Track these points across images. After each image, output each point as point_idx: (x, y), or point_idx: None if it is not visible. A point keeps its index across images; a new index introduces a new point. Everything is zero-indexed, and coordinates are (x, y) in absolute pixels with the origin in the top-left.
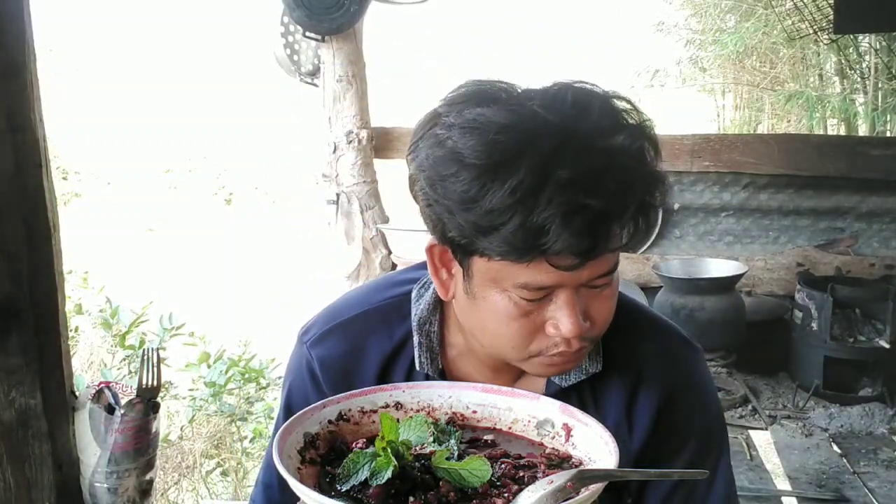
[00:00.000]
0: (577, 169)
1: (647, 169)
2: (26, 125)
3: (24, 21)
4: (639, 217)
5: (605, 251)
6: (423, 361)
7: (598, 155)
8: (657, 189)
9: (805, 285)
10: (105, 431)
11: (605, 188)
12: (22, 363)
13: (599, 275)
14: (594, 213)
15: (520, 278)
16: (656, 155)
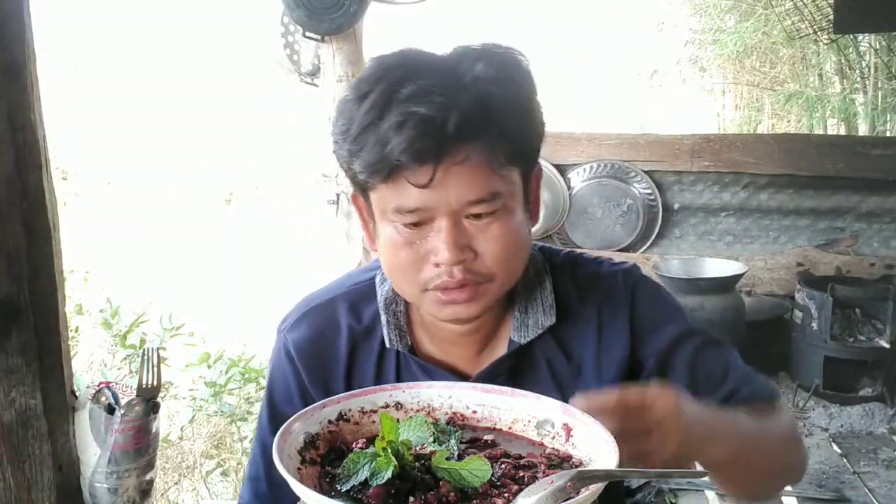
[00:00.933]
0: (416, 86)
1: (491, 89)
2: (26, 125)
3: (24, 21)
4: (484, 130)
5: (450, 162)
6: (392, 338)
7: (440, 74)
8: (507, 111)
9: (805, 285)
10: (105, 431)
11: (432, 98)
12: (22, 363)
13: (470, 200)
14: (420, 118)
15: (392, 202)
16: (523, 90)
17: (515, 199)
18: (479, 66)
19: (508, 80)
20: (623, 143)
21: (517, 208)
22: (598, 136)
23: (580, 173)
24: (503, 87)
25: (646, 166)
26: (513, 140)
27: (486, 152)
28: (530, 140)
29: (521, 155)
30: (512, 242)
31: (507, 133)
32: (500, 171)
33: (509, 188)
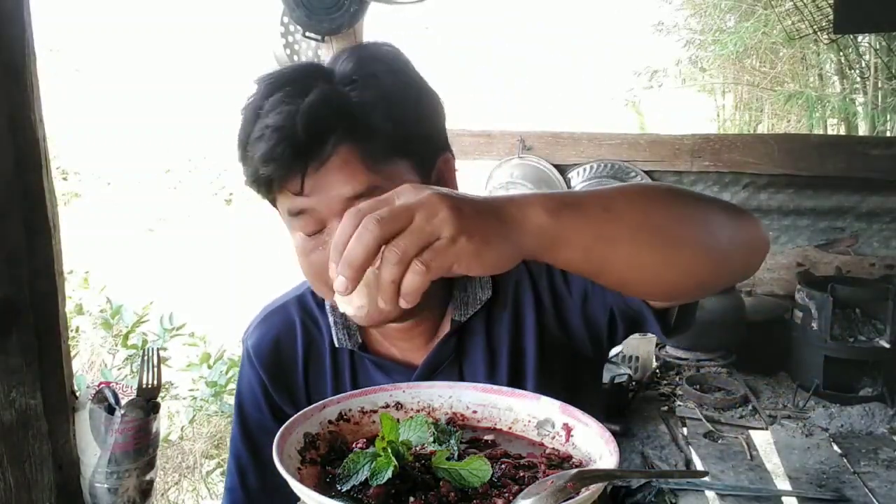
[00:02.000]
0: (273, 99)
1: (345, 89)
2: (26, 125)
3: (24, 21)
4: (343, 126)
5: (316, 165)
6: (340, 338)
7: (294, 84)
8: (367, 106)
9: (805, 285)
10: (105, 431)
11: (281, 108)
12: (22, 363)
13: (348, 197)
14: (273, 128)
15: (284, 212)
16: (387, 84)
17: None
18: (337, 67)
19: (368, 76)
20: (623, 143)
21: None
22: (598, 136)
23: (580, 173)
24: (362, 84)
25: (646, 166)
26: (385, 133)
27: (353, 149)
28: (409, 130)
29: (402, 146)
30: None
31: (374, 127)
32: (377, 165)
33: (393, 180)
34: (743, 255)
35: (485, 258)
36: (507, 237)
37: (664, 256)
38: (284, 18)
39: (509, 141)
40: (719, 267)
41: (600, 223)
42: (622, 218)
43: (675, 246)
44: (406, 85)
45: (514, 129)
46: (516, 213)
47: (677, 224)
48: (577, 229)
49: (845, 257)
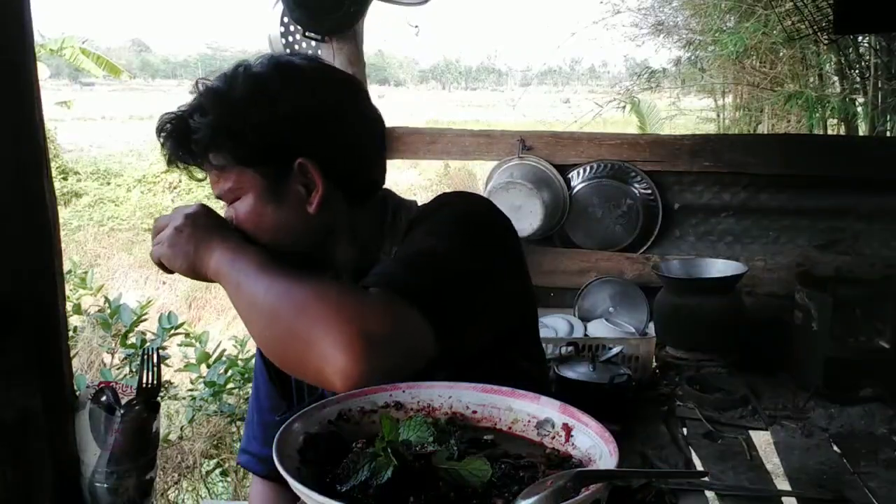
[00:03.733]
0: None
1: (182, 125)
2: (26, 125)
3: (24, 21)
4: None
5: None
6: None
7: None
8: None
9: (805, 285)
10: (105, 431)
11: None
12: (22, 363)
13: (216, 195)
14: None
15: None
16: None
17: (253, 193)
18: (202, 92)
19: (199, 107)
20: (623, 143)
21: (258, 199)
22: (598, 136)
23: (580, 173)
24: (198, 114)
25: (646, 166)
26: (222, 150)
27: (205, 163)
28: (244, 147)
29: (242, 158)
30: (251, 225)
31: (211, 147)
32: (223, 173)
33: (241, 185)
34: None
35: (171, 264)
36: (189, 263)
37: (255, 337)
38: (284, 18)
39: (509, 141)
40: (281, 363)
41: (232, 292)
42: (240, 298)
43: (255, 334)
44: (244, 105)
45: (514, 129)
46: (204, 253)
47: (257, 318)
48: (226, 290)
49: (845, 257)
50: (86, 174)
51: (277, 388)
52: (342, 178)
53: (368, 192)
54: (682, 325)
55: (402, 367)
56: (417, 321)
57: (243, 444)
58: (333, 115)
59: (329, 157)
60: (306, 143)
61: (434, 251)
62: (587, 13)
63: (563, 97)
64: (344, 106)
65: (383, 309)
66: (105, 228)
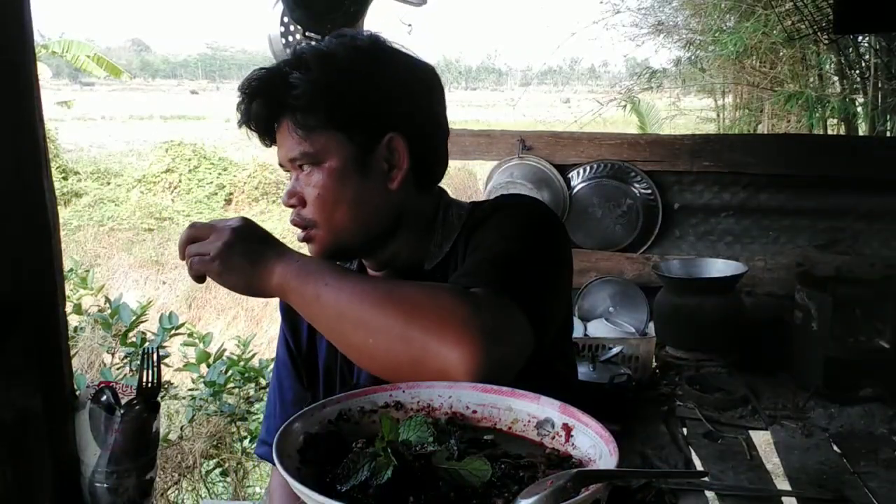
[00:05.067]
0: (248, 78)
1: (286, 72)
2: (26, 125)
3: (24, 21)
4: (281, 100)
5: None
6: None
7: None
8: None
9: (805, 285)
10: (105, 431)
11: (249, 79)
12: (22, 363)
13: (289, 158)
14: (240, 100)
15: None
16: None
17: (334, 159)
18: (299, 48)
19: (310, 62)
20: (623, 143)
21: (340, 169)
22: (598, 136)
23: (580, 173)
24: (300, 69)
25: (646, 166)
26: (312, 112)
27: (289, 121)
28: (339, 113)
29: (333, 123)
30: (329, 195)
31: (305, 104)
32: (310, 135)
33: (324, 149)
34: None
35: (223, 280)
36: (247, 280)
37: (347, 347)
38: (284, 18)
39: (509, 141)
40: (385, 370)
41: (308, 305)
42: (323, 309)
43: (350, 344)
44: (349, 70)
45: (514, 129)
46: (262, 269)
47: (353, 328)
48: (297, 304)
49: (845, 257)
50: (86, 174)
51: (303, 381)
52: (421, 161)
53: (437, 179)
54: (682, 325)
55: (515, 362)
56: (522, 317)
57: (262, 436)
58: (425, 98)
59: (417, 136)
60: (400, 118)
61: (513, 252)
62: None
63: (563, 97)
64: (434, 91)
65: (495, 305)
66: (105, 228)
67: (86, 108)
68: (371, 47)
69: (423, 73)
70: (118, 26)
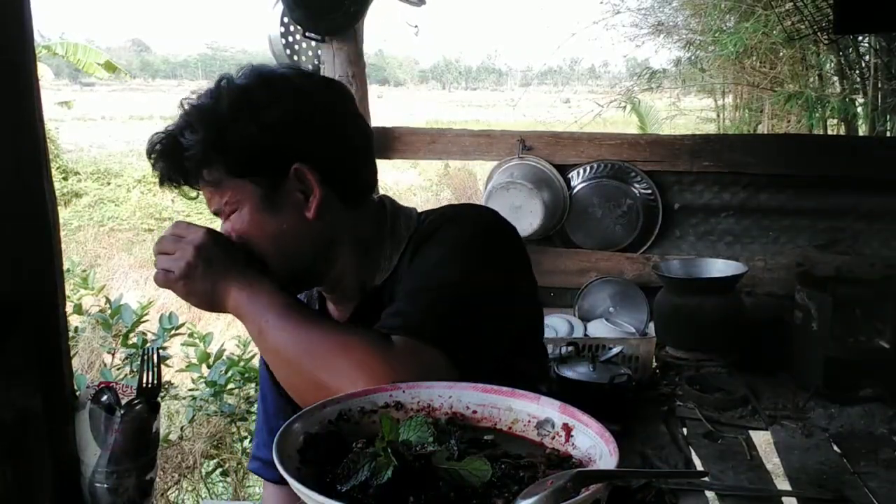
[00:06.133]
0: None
1: (171, 145)
2: (26, 125)
3: (24, 21)
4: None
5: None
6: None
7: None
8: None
9: (805, 285)
10: (105, 431)
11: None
12: (22, 363)
13: (213, 210)
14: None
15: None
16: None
17: (250, 203)
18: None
19: (189, 124)
20: (623, 143)
21: (256, 209)
22: (598, 136)
23: (580, 173)
24: (188, 131)
25: (646, 166)
26: (215, 164)
27: (198, 180)
28: (236, 159)
29: (237, 171)
30: (251, 237)
31: (204, 163)
32: (219, 188)
33: (238, 197)
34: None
35: (186, 299)
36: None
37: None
38: (284, 18)
39: (509, 141)
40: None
41: (253, 336)
42: (264, 343)
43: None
44: (232, 118)
45: (514, 129)
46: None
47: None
48: (247, 331)
49: (845, 257)
50: (86, 174)
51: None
52: (338, 182)
53: (363, 194)
54: (682, 325)
55: None
56: (442, 364)
57: (253, 451)
58: (324, 119)
59: (323, 160)
60: (299, 148)
61: (449, 282)
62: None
63: (563, 97)
64: (334, 109)
65: (410, 360)
66: (105, 228)
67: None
68: (255, 85)
69: (320, 95)
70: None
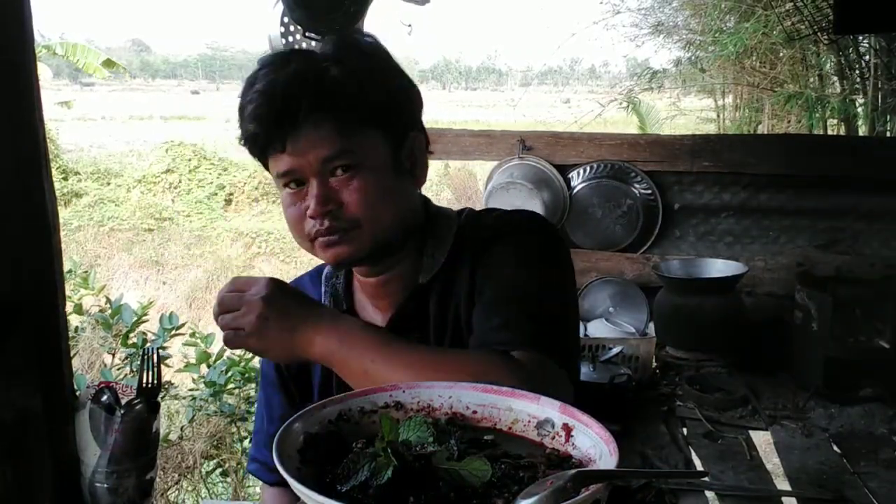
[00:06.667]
0: (265, 70)
1: (325, 66)
2: (26, 125)
3: (24, 21)
4: (322, 95)
5: (298, 127)
6: (328, 305)
7: (283, 61)
8: (342, 83)
9: (805, 285)
10: (105, 431)
11: (269, 77)
12: (22, 363)
13: (323, 158)
14: (260, 93)
15: (273, 170)
16: (361, 65)
17: (373, 157)
18: (320, 49)
19: (343, 55)
20: (623, 143)
21: (375, 165)
22: (598, 136)
23: (580, 173)
24: (339, 64)
25: (646, 166)
26: (359, 103)
27: (330, 115)
28: (379, 105)
29: (372, 118)
30: (371, 192)
31: (346, 99)
32: (350, 132)
33: (363, 147)
34: None
35: (263, 354)
36: (288, 353)
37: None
38: (284, 18)
39: (509, 141)
40: None
41: (355, 377)
42: (373, 381)
43: None
44: (378, 67)
45: (514, 129)
46: (301, 340)
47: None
48: (343, 375)
49: (845, 257)
50: (86, 174)
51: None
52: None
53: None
54: (682, 325)
55: None
56: (563, 374)
57: (252, 453)
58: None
59: (424, 134)
60: (416, 117)
61: (535, 293)
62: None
63: (563, 97)
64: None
65: (541, 374)
66: (105, 228)
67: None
68: (380, 46)
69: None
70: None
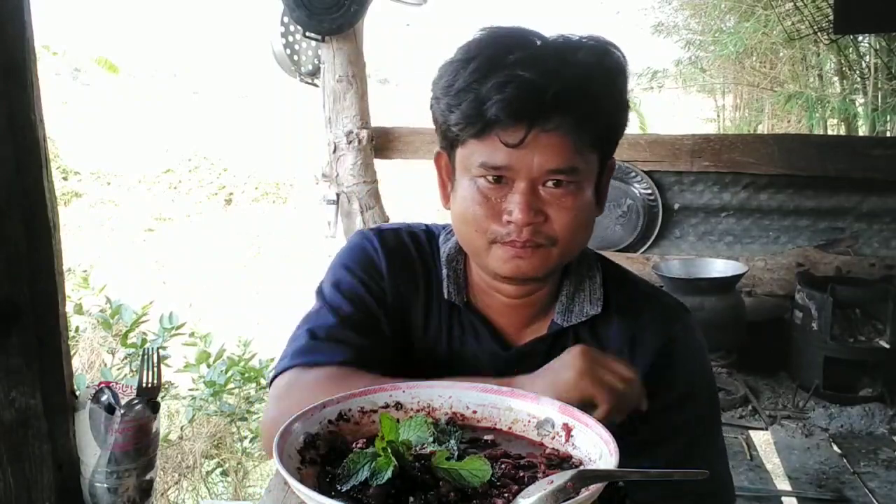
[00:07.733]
0: (524, 53)
1: (592, 73)
2: (26, 125)
3: (24, 21)
4: (578, 106)
5: (541, 128)
6: (450, 291)
7: (546, 49)
8: (601, 96)
9: (805, 285)
10: (105, 431)
11: (538, 66)
12: (22, 363)
13: (551, 169)
14: (523, 80)
15: (480, 157)
16: (617, 83)
17: (589, 180)
18: (582, 52)
19: (607, 69)
20: (623, 143)
21: (588, 189)
22: None
23: None
24: (602, 74)
25: (646, 166)
26: (601, 125)
27: (575, 128)
28: (615, 130)
29: (604, 141)
30: (580, 216)
31: (598, 116)
32: (582, 149)
33: (586, 168)
34: None
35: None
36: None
37: None
38: (284, 18)
39: None
40: None
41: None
42: None
43: None
44: (625, 89)
45: None
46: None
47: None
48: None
49: (845, 257)
50: (86, 174)
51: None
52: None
53: None
54: None
55: None
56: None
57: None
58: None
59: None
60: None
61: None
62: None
63: None
64: None
65: None
66: (105, 228)
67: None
68: (620, 63)
69: None
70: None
